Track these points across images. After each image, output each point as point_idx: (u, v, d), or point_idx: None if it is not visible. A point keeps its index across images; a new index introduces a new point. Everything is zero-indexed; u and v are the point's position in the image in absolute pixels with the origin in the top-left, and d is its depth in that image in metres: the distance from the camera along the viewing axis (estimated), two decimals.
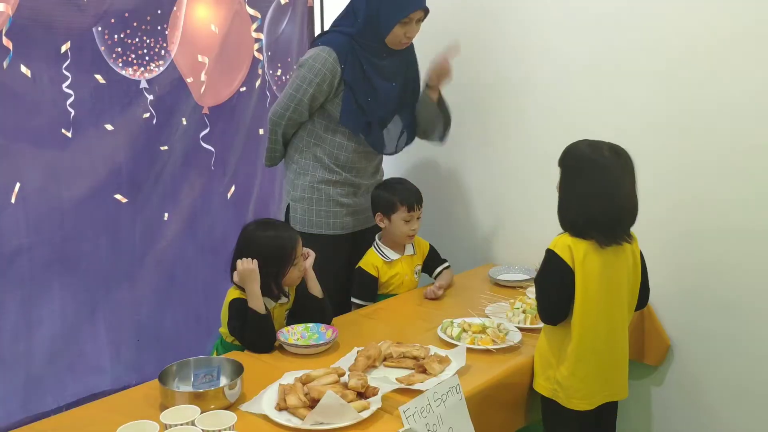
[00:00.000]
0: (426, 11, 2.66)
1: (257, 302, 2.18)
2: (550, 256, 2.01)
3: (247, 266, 2.17)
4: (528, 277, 2.87)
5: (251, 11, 3.21)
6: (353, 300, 2.76)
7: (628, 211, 2.00)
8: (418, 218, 2.76)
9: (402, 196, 2.74)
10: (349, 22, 2.68)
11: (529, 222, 3.08)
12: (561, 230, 2.06)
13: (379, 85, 2.71)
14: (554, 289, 2.01)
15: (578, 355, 2.01)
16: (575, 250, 1.97)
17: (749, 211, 2.46)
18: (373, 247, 2.81)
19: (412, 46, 2.82)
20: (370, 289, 2.76)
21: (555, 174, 2.84)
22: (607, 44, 2.74)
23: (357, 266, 2.78)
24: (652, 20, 2.61)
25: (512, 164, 3.12)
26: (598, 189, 1.96)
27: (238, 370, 1.92)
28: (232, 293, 2.27)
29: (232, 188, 3.27)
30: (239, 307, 2.21)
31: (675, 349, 2.70)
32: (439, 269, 2.87)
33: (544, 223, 2.96)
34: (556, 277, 2.00)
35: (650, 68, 2.63)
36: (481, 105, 3.19)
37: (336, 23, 2.77)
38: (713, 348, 2.60)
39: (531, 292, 2.66)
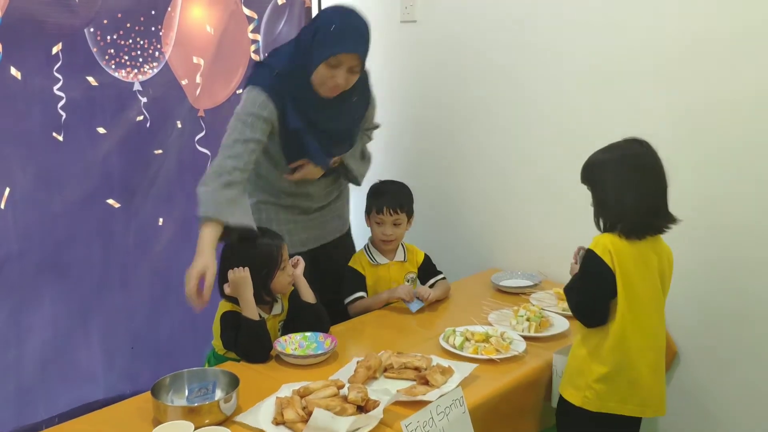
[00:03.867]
0: (361, 61, 2.33)
1: (251, 310, 2.14)
2: (591, 256, 1.97)
3: (239, 274, 2.14)
4: (531, 283, 2.81)
5: (248, 12, 3.16)
6: (345, 301, 2.67)
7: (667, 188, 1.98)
8: (394, 224, 2.66)
9: (375, 197, 2.67)
10: (286, 59, 2.40)
11: (531, 226, 3.04)
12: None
13: (328, 127, 2.46)
14: (595, 289, 1.97)
15: (617, 358, 1.97)
16: (614, 250, 1.93)
17: (761, 215, 2.40)
18: (363, 246, 2.75)
19: (367, 84, 2.59)
20: (358, 282, 2.66)
21: (558, 178, 2.83)
22: (608, 48, 2.69)
23: (347, 265, 2.71)
24: (654, 20, 2.56)
25: (515, 167, 3.07)
26: (644, 176, 1.93)
27: (233, 382, 1.86)
28: (224, 306, 2.24)
29: None
30: (231, 319, 2.18)
31: (682, 356, 2.65)
32: (432, 281, 2.76)
33: (547, 227, 3.00)
34: (597, 276, 1.95)
35: (653, 70, 2.58)
36: (483, 108, 3.14)
37: (274, 51, 2.51)
38: (721, 355, 2.56)
39: (534, 298, 2.65)
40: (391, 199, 2.66)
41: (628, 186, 1.93)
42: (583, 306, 2.03)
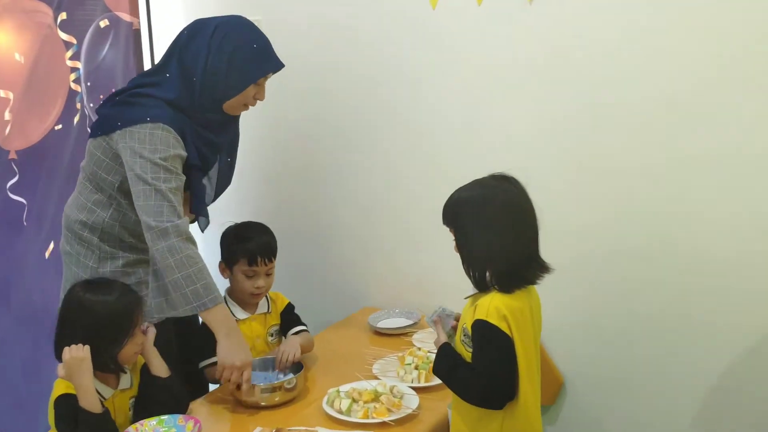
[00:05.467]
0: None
1: (90, 399, 1.78)
2: (486, 327, 1.67)
3: (77, 355, 1.78)
4: (411, 321, 2.64)
5: (65, 36, 2.82)
6: (201, 365, 2.30)
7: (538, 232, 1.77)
8: (267, 274, 2.37)
9: (242, 245, 2.35)
10: (173, 87, 2.16)
11: (403, 257, 2.86)
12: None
13: (212, 160, 2.27)
14: (505, 366, 1.69)
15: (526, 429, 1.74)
16: (509, 313, 1.68)
17: (643, 237, 2.36)
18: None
19: None
20: (215, 343, 2.25)
21: (427, 203, 2.65)
22: (481, 66, 2.56)
23: (201, 323, 2.30)
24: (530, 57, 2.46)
25: (381, 193, 2.88)
26: (514, 218, 1.71)
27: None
28: (59, 387, 1.85)
29: (51, 245, 2.82)
30: (68, 406, 1.80)
31: (568, 386, 2.57)
32: (293, 331, 2.45)
33: (420, 257, 2.83)
34: (502, 351, 1.68)
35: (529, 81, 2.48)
36: (343, 135, 2.93)
37: (143, 82, 2.20)
38: (608, 383, 2.50)
39: (417, 340, 2.49)
40: (264, 246, 2.37)
41: (495, 229, 1.70)
42: (495, 389, 1.70)
